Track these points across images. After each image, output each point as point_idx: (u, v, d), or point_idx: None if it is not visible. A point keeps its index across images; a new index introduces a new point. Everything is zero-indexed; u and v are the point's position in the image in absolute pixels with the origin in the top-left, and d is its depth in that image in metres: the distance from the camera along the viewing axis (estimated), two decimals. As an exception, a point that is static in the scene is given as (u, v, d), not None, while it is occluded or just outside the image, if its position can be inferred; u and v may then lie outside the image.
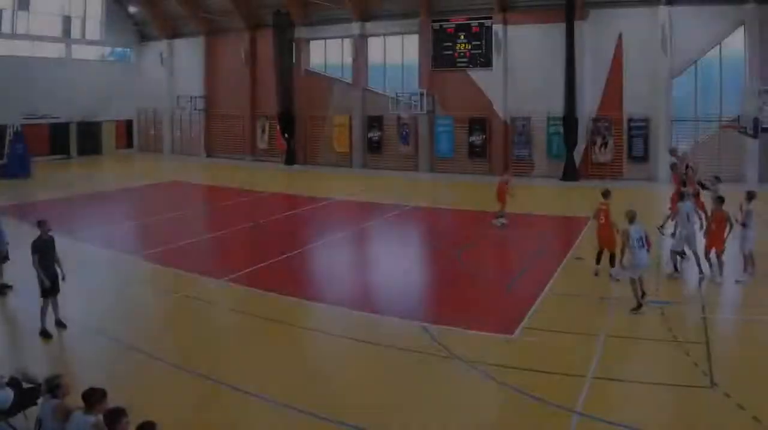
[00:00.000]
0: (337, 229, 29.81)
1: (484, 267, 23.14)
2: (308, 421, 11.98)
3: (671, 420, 12.10)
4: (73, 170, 54.73)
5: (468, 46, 51.12)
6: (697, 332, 15.98)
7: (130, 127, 69.22)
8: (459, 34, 51.18)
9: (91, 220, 32.29)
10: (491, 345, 15.67)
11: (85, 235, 28.14)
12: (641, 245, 17.92)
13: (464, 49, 51.25)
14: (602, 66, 47.24)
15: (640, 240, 17.92)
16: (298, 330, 17.18)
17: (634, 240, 17.90)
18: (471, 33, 50.76)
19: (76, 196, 39.78)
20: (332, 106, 56.39)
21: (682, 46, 45.24)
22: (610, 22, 47.04)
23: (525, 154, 49.42)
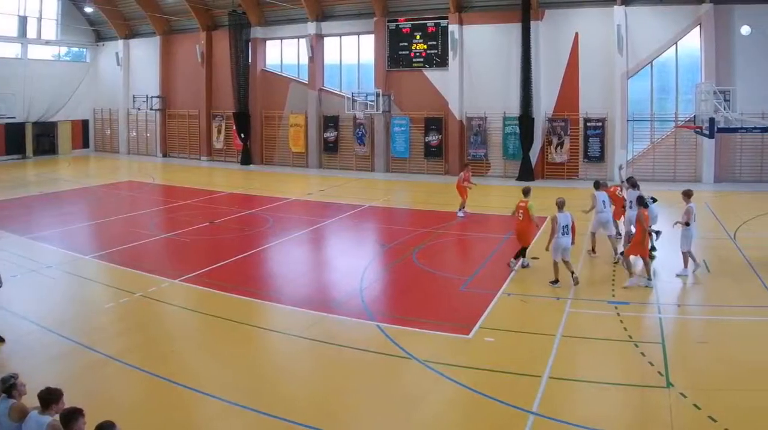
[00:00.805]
0: (292, 229, 28.73)
1: (440, 267, 22.19)
2: (262, 420, 11.56)
3: (627, 420, 11.63)
4: (28, 171, 52.57)
5: (424, 46, 49.42)
6: (653, 333, 15.62)
7: (86, 127, 66.66)
8: (415, 34, 49.55)
9: (47, 220, 31.00)
10: (447, 345, 15.11)
11: (41, 235, 27.12)
12: (566, 232, 19.08)
13: (420, 49, 49.54)
14: (558, 66, 45.74)
15: (565, 227, 19.06)
16: (254, 330, 16.54)
17: (560, 226, 18.96)
18: (427, 33, 49.15)
19: (31, 196, 38.34)
20: (288, 106, 54.55)
21: (638, 46, 43.81)
22: (566, 22, 45.54)
23: (481, 154, 47.74)
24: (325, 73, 53.64)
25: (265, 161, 56.15)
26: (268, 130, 56.17)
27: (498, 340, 15.24)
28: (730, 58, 41.95)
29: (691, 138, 42.47)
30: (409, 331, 15.82)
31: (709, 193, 37.50)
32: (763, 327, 15.87)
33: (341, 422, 11.64)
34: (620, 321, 16.24)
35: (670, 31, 43.31)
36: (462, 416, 11.96)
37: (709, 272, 20.77)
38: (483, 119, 47.35)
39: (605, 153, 44.51)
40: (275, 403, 12.12)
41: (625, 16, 43.72)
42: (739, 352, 14.28)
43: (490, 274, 21.00)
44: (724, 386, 12.55)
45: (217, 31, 57.72)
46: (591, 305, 17.69)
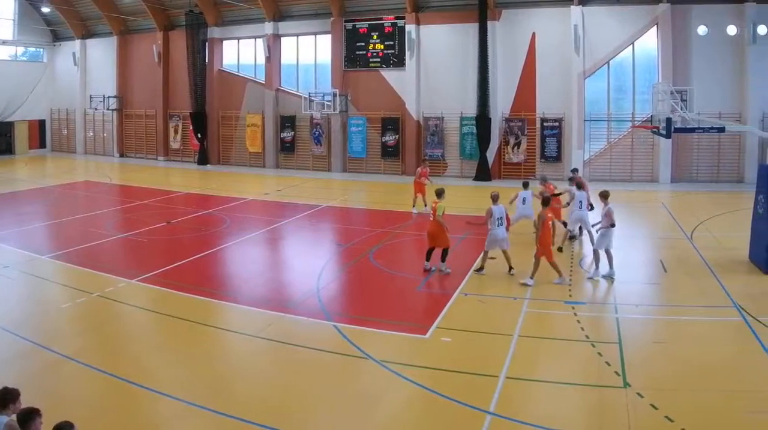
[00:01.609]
0: (249, 229, 27.64)
1: (397, 267, 21.51)
2: (219, 420, 11.09)
3: (584, 420, 11.22)
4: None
5: (381, 46, 47.37)
6: (610, 332, 15.15)
7: (43, 127, 63.87)
8: (372, 34, 47.51)
9: (3, 221, 29.49)
10: (404, 345, 14.69)
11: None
12: (500, 223, 19.22)
13: (377, 49, 47.51)
14: (515, 66, 43.94)
15: (500, 219, 19.20)
16: (211, 330, 15.87)
17: (495, 218, 19.12)
18: (384, 33, 47.17)
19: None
20: (245, 106, 52.36)
21: (595, 46, 42.09)
22: (523, 22, 43.69)
23: (438, 154, 45.83)
24: (282, 73, 51.63)
25: (222, 161, 53.90)
26: (225, 130, 53.88)
27: (455, 340, 14.78)
28: (687, 58, 40.51)
29: (647, 138, 40.88)
30: (366, 331, 15.37)
31: (665, 194, 36.78)
32: (719, 327, 15.53)
33: (298, 422, 11.27)
34: (577, 321, 15.75)
35: (627, 31, 41.68)
36: (419, 416, 11.64)
37: (666, 273, 20.27)
38: (440, 119, 45.53)
39: (562, 153, 42.94)
40: (232, 403, 11.70)
41: (582, 16, 42.03)
42: (696, 352, 13.95)
43: (448, 274, 20.00)
44: (681, 386, 12.21)
45: (174, 31, 55.24)
46: (548, 305, 17.19)
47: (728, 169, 40.37)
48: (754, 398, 11.56)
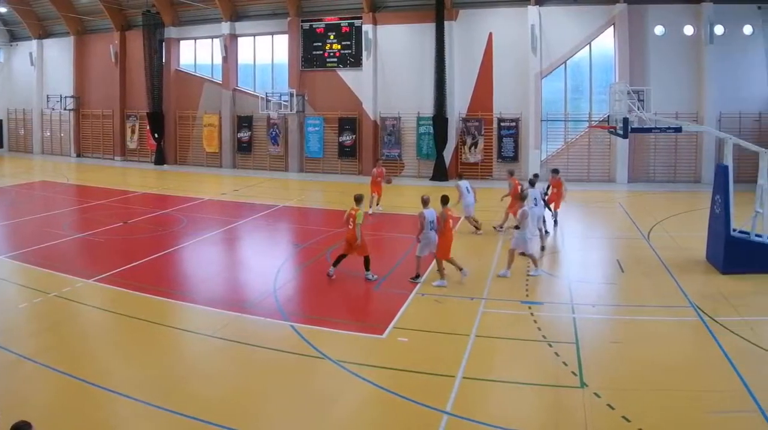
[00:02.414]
0: (206, 229, 26.23)
1: (354, 267, 19.75)
2: (176, 420, 10.42)
3: (542, 420, 10.61)
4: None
5: (338, 46, 45.03)
6: (567, 332, 14.42)
7: (0, 127, 60.83)
8: (329, 34, 45.19)
9: None
10: (361, 345, 13.96)
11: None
12: (432, 227, 17.94)
13: (334, 49, 45.17)
14: (472, 66, 41.73)
15: (432, 223, 17.95)
16: (168, 330, 15.06)
17: (427, 222, 17.90)
18: (341, 33, 44.82)
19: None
20: (202, 106, 49.55)
21: (552, 46, 39.91)
22: (480, 22, 41.40)
23: (395, 154, 43.59)
24: (239, 73, 48.96)
25: (179, 161, 50.91)
26: (182, 130, 50.95)
27: (412, 340, 14.11)
28: (644, 58, 38.58)
29: (605, 138, 38.97)
30: (323, 331, 14.69)
31: (622, 194, 35.18)
32: (676, 327, 14.90)
33: (255, 422, 10.68)
34: (534, 321, 15.10)
35: (584, 31, 39.63)
36: (376, 416, 11.01)
37: (623, 273, 19.37)
38: (397, 119, 43.28)
39: (519, 153, 40.96)
40: (189, 403, 11.06)
41: (539, 16, 39.86)
42: (653, 352, 13.28)
43: (404, 274, 19.02)
44: (638, 386, 11.62)
45: (131, 31, 52.14)
46: (505, 305, 16.42)
47: (685, 169, 38.73)
48: (711, 398, 11.11)
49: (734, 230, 18.62)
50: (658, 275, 18.77)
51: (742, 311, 15.31)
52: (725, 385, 11.55)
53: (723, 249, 18.68)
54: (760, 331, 14.08)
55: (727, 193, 18.67)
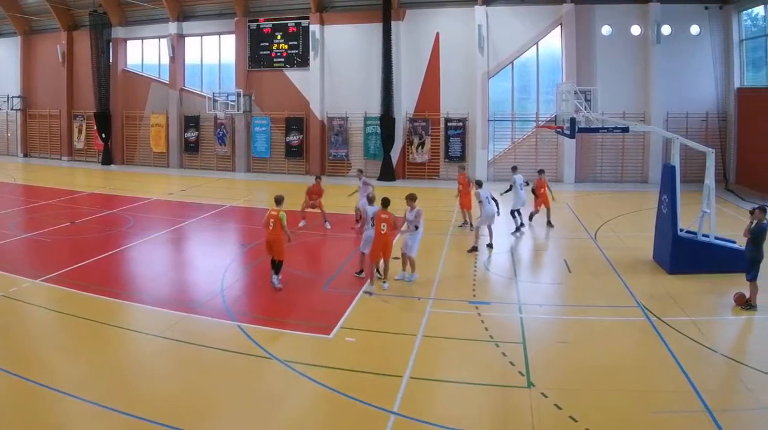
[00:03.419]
0: (154, 229, 24.58)
1: (301, 267, 19.14)
2: (123, 420, 9.87)
3: (489, 420, 10.03)
4: None
5: (285, 46, 41.73)
6: (514, 332, 13.57)
7: (-53, 127, 55.44)
8: (276, 34, 41.81)
9: None
10: (308, 345, 13.11)
11: None
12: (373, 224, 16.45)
13: (281, 49, 41.88)
14: (419, 66, 38.56)
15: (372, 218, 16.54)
16: (115, 330, 13.98)
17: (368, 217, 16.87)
18: (288, 33, 41.52)
19: None
20: (149, 106, 45.49)
21: (499, 46, 37.04)
22: (427, 22, 38.30)
23: (342, 154, 40.50)
24: (186, 73, 44.88)
25: (126, 161, 46.68)
26: (129, 130, 46.62)
27: (359, 340, 13.32)
28: (591, 58, 35.88)
29: (552, 138, 36.17)
30: (270, 331, 13.88)
31: (570, 194, 32.74)
32: (623, 327, 14.08)
33: (202, 422, 9.92)
34: (481, 321, 14.22)
35: (531, 31, 36.76)
36: (323, 416, 10.33)
37: (570, 273, 18.27)
38: (344, 119, 40.09)
39: (466, 153, 38.00)
40: (136, 403, 10.28)
41: (486, 16, 36.95)
42: (600, 352, 12.60)
43: (352, 274, 17.91)
44: (584, 386, 11.00)
45: (78, 31, 47.89)
46: (452, 305, 15.44)
47: (632, 169, 36.18)
48: (658, 398, 10.50)
49: (681, 230, 17.67)
50: (606, 275, 17.76)
51: (689, 311, 14.56)
52: (672, 385, 10.93)
53: (670, 249, 17.69)
54: (707, 331, 13.36)
55: (674, 194, 17.68)
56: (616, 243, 21.37)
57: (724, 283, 16.21)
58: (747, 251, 14.79)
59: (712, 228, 17.47)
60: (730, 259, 16.87)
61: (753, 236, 14.50)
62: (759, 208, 14.54)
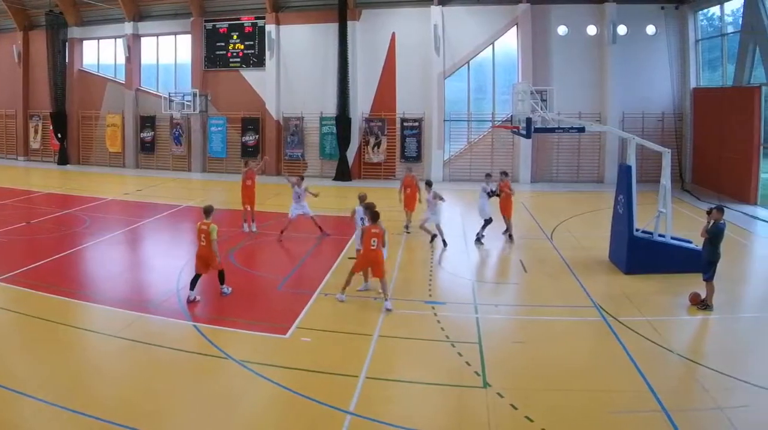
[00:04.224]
0: (110, 229, 23.02)
1: (257, 266, 18.45)
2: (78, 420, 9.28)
3: (445, 420, 9.50)
4: None
5: (241, 46, 38.53)
6: (470, 332, 12.71)
7: None
8: (232, 34, 38.52)
9: None
10: (264, 345, 12.21)
11: None
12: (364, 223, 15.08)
13: (237, 49, 38.68)
14: (375, 66, 35.70)
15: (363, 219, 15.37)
16: (70, 330, 13.01)
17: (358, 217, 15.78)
18: (244, 33, 38.26)
19: None
20: (105, 106, 41.69)
21: (455, 46, 34.40)
22: (383, 22, 35.49)
23: (298, 154, 37.45)
24: (142, 73, 41.25)
25: (82, 161, 42.81)
26: (85, 130, 42.78)
27: (315, 340, 12.43)
28: (547, 58, 33.43)
29: (507, 138, 33.60)
30: (226, 331, 12.89)
31: (526, 194, 30.54)
32: (579, 327, 13.19)
33: (158, 422, 9.35)
34: (437, 321, 13.36)
35: (487, 31, 34.11)
36: (279, 416, 9.75)
37: (526, 273, 17.32)
38: (300, 119, 37.04)
39: (422, 153, 35.25)
40: (91, 403, 9.74)
41: (442, 16, 34.20)
42: (556, 352, 11.75)
43: (307, 274, 17.37)
44: (540, 386, 10.30)
45: (34, 31, 44.36)
46: (408, 304, 14.37)
47: (588, 169, 33.73)
48: (615, 398, 9.89)
49: (637, 230, 16.74)
50: (561, 275, 16.83)
51: (645, 310, 13.82)
52: (628, 384, 10.36)
53: (626, 249, 16.73)
54: (663, 331, 12.66)
55: (630, 194, 16.72)
56: (572, 243, 20.18)
57: (680, 283, 15.31)
58: (704, 251, 14.00)
59: (668, 228, 16.55)
60: (686, 259, 16.04)
61: (710, 236, 13.73)
62: (716, 208, 13.83)
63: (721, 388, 10.14)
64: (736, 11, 29.12)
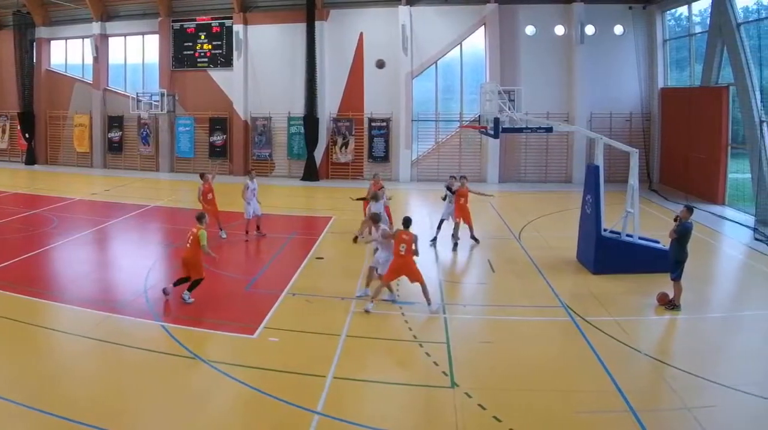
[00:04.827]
0: (77, 229, 21.86)
1: (225, 267, 16.85)
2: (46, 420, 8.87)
3: (413, 420, 9.17)
4: None
5: (209, 46, 36.35)
6: (437, 333, 12.17)
7: None
8: (200, 34, 36.31)
9: None
10: (232, 345, 11.77)
11: None
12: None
13: (205, 49, 36.47)
14: (343, 66, 33.79)
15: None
16: (38, 330, 12.47)
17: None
18: (211, 33, 36.06)
19: None
20: (73, 106, 39.18)
21: (423, 46, 32.51)
22: (351, 22, 33.62)
23: (266, 154, 35.36)
24: (110, 73, 38.86)
25: (50, 161, 40.29)
26: (53, 130, 40.30)
27: (283, 340, 11.82)
28: (515, 58, 31.70)
29: (475, 138, 31.83)
30: (194, 331, 12.25)
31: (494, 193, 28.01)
32: (547, 327, 12.60)
33: (126, 422, 8.93)
34: (405, 321, 12.76)
35: (455, 31, 32.33)
36: (247, 416, 9.35)
37: (494, 273, 16.50)
38: (268, 119, 34.98)
39: (390, 153, 33.36)
40: (59, 403, 9.26)
41: (410, 16, 32.34)
42: (524, 352, 11.35)
43: (275, 274, 16.34)
44: (508, 386, 9.96)
45: (1, 31, 41.43)
46: (376, 305, 13.36)
47: (556, 169, 32.03)
48: (582, 398, 9.50)
49: (605, 230, 16.06)
50: (529, 275, 16.19)
51: (613, 310, 13.27)
52: (596, 384, 9.87)
53: (594, 249, 16.02)
54: (631, 331, 12.10)
55: (598, 194, 16.01)
56: (540, 243, 19.39)
57: (648, 283, 14.70)
58: (671, 250, 13.42)
59: (635, 228, 15.82)
60: (653, 259, 15.36)
61: (677, 235, 13.19)
62: (684, 208, 13.48)
63: (688, 388, 9.73)
64: (704, 11, 27.66)
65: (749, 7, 24.31)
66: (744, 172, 24.50)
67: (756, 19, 23.51)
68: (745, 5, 24.28)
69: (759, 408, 9.22)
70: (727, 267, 18.10)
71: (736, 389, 9.58)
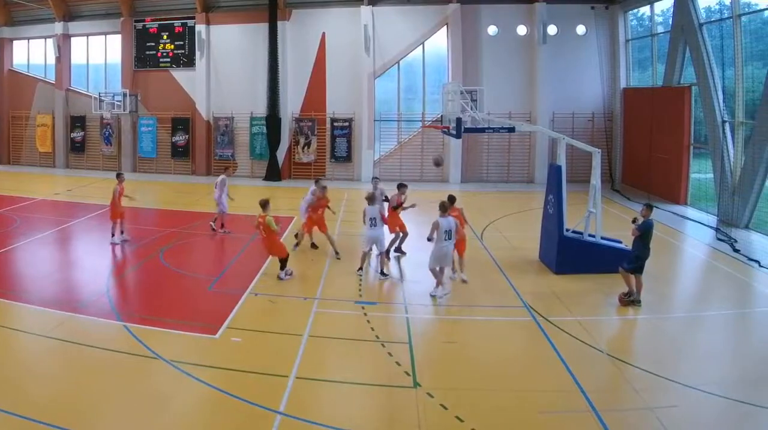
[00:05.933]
0: (40, 228, 20.13)
1: (187, 267, 15.94)
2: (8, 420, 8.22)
3: (375, 420, 8.53)
4: None
5: (171, 46, 33.42)
6: (400, 333, 11.34)
7: None
8: (162, 34, 33.37)
9: None
10: (194, 345, 10.97)
11: None
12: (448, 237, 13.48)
13: (167, 49, 33.54)
14: (305, 66, 30.99)
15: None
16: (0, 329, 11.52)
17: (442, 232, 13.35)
18: (174, 33, 33.09)
19: None
20: (35, 106, 35.92)
21: (385, 46, 29.93)
22: (313, 21, 30.84)
23: (228, 154, 32.45)
24: (73, 73, 35.92)
25: (12, 161, 37.29)
26: (15, 130, 37.34)
27: (245, 340, 10.98)
28: (477, 58, 29.19)
29: (438, 138, 29.23)
30: (156, 331, 11.33)
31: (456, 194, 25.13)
32: (509, 327, 11.76)
33: (88, 422, 8.29)
34: (367, 321, 11.80)
35: (417, 31, 29.68)
36: (209, 416, 8.64)
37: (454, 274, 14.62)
38: (230, 119, 32.08)
39: (352, 153, 30.67)
40: (20, 403, 8.63)
41: (372, 16, 29.70)
42: (487, 352, 10.59)
43: (238, 274, 14.95)
44: (471, 386, 9.24)
45: (-37, 32, 37.47)
46: (338, 305, 12.69)
47: (518, 169, 29.48)
48: (544, 398, 8.87)
49: (567, 230, 15.03)
50: (492, 275, 15.02)
51: (575, 310, 12.15)
52: (558, 384, 9.15)
53: (556, 249, 14.93)
54: (593, 330, 11.13)
55: (560, 194, 15.02)
56: (502, 243, 18.16)
57: (610, 283, 13.76)
58: (633, 246, 12.64)
59: (598, 228, 14.84)
60: (615, 259, 13.96)
61: (640, 233, 12.46)
62: (645, 206, 12.78)
63: (650, 388, 9.14)
64: (666, 11, 25.33)
65: (711, 7, 22.24)
66: (706, 172, 22.54)
67: (718, 19, 21.44)
68: (708, 5, 22.22)
69: (720, 408, 8.63)
70: (689, 267, 17.04)
71: (698, 388, 8.97)
